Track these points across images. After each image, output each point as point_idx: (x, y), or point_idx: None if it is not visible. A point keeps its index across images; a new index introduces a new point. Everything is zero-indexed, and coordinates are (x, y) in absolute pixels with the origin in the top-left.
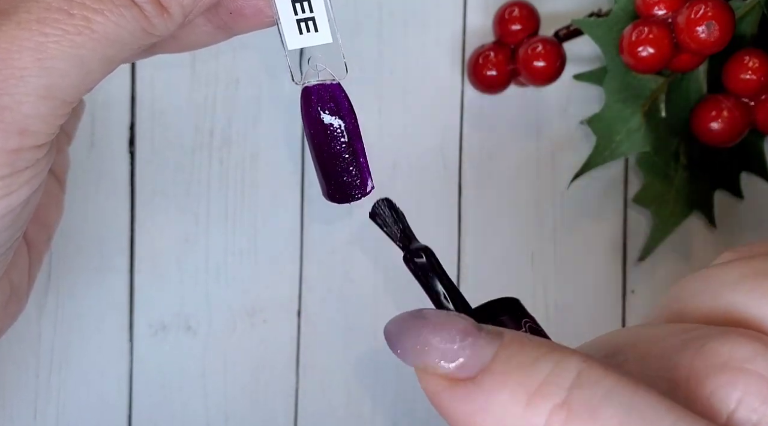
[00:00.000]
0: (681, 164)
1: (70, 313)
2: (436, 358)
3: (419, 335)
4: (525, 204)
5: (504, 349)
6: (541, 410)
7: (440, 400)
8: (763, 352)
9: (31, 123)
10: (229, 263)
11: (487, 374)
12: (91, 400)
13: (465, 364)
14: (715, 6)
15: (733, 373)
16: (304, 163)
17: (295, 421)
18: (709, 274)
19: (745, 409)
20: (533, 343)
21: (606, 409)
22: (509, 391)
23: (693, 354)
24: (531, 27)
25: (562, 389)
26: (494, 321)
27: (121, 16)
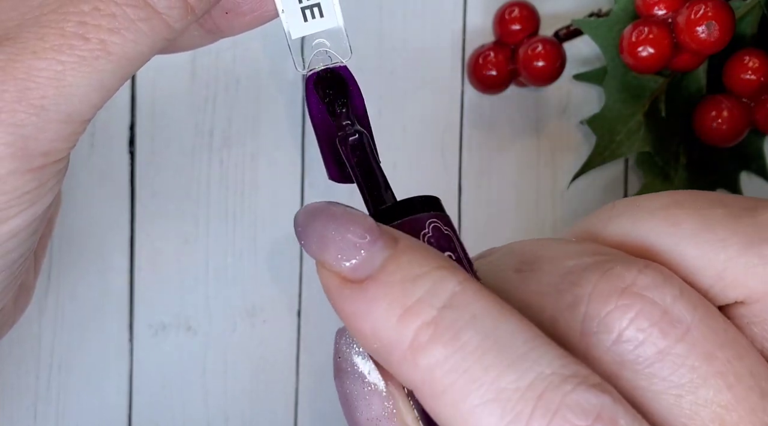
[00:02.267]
0: (681, 164)
1: (70, 313)
2: (333, 254)
3: (322, 229)
4: (525, 204)
5: (394, 259)
6: (410, 325)
7: (331, 296)
8: (662, 283)
9: (53, 145)
10: (229, 263)
11: (371, 282)
12: (91, 400)
13: (356, 267)
14: (715, 6)
15: (632, 297)
16: (304, 163)
17: (295, 421)
18: (632, 202)
19: (634, 328)
20: (423, 257)
21: (467, 331)
22: (387, 303)
23: (600, 274)
24: (531, 27)
25: (434, 308)
26: (405, 219)
27: (139, 31)
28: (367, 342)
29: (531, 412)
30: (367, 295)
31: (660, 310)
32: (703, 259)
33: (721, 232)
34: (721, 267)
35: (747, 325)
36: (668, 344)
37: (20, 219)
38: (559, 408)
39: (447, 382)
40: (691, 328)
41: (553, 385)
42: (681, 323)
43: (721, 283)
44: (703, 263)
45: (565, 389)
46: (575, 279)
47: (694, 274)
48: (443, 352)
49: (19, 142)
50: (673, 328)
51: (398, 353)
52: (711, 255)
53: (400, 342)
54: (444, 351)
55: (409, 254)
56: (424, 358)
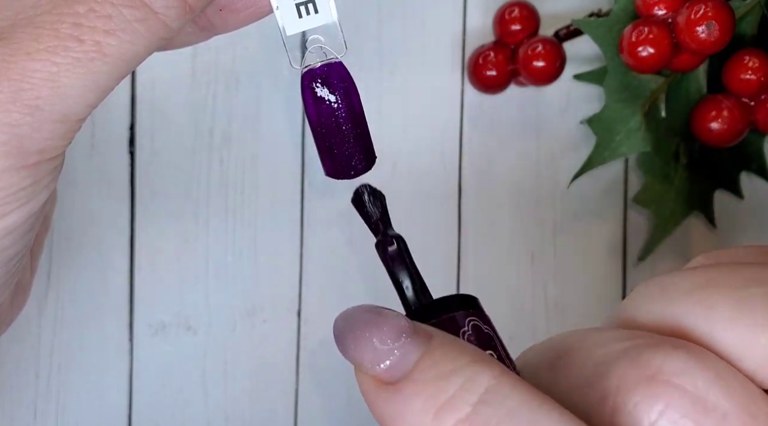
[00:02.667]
0: (681, 164)
1: (70, 313)
2: (368, 357)
3: (357, 332)
4: (525, 204)
5: (427, 356)
6: (446, 423)
7: (368, 398)
8: (693, 367)
9: (48, 143)
10: (229, 263)
11: (406, 382)
12: (91, 399)
13: (391, 368)
14: (715, 6)
15: (659, 386)
16: (304, 163)
17: (295, 421)
18: (666, 281)
19: (666, 421)
20: (457, 352)
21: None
22: (422, 401)
23: (628, 363)
24: (531, 27)
25: (468, 404)
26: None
27: (135, 32)
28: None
29: None
30: (401, 396)
31: (691, 398)
32: (742, 345)
33: (759, 315)
34: (763, 352)
35: None
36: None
37: (16, 215)
38: None
39: None
40: (728, 415)
41: None
42: (716, 411)
43: (765, 369)
44: (744, 349)
45: None
46: (604, 370)
47: (736, 358)
48: None
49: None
50: (707, 418)
51: None
52: (750, 339)
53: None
54: None
55: (443, 350)
56: None
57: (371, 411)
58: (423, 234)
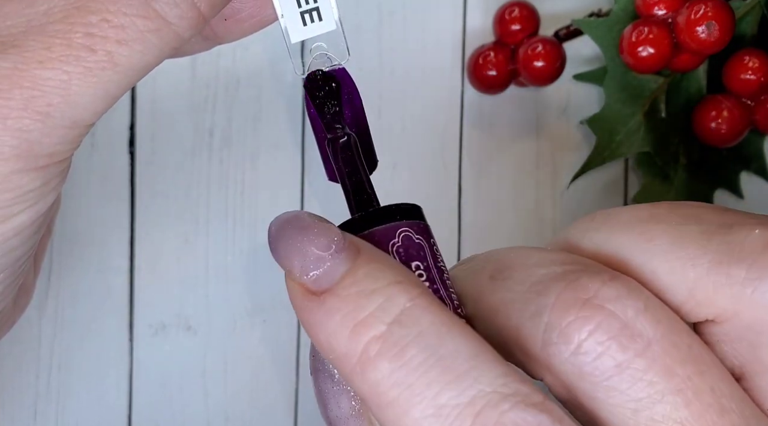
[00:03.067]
0: (681, 164)
1: (70, 313)
2: (297, 265)
3: (290, 239)
4: (525, 204)
5: (352, 272)
6: (360, 339)
7: (294, 304)
8: (626, 296)
9: (57, 148)
10: (229, 263)
11: (329, 295)
12: (91, 400)
13: (318, 279)
14: (715, 6)
15: (592, 309)
16: (304, 163)
17: (295, 421)
18: (611, 213)
19: (593, 340)
20: (380, 270)
21: (412, 347)
22: (341, 316)
23: (566, 284)
24: (531, 27)
25: (383, 323)
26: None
27: (147, 42)
28: (324, 352)
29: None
30: (324, 308)
31: (620, 323)
32: (673, 277)
33: (693, 249)
34: (691, 285)
35: (717, 343)
36: (627, 358)
37: (24, 216)
38: None
39: (391, 396)
40: (652, 342)
41: (492, 403)
42: (641, 337)
43: (692, 301)
44: (674, 281)
45: (503, 408)
46: (542, 288)
47: (666, 291)
48: (388, 366)
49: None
50: (632, 342)
51: (349, 365)
52: (681, 273)
53: (350, 355)
54: (389, 366)
55: (367, 267)
56: (371, 372)
57: (297, 316)
58: None
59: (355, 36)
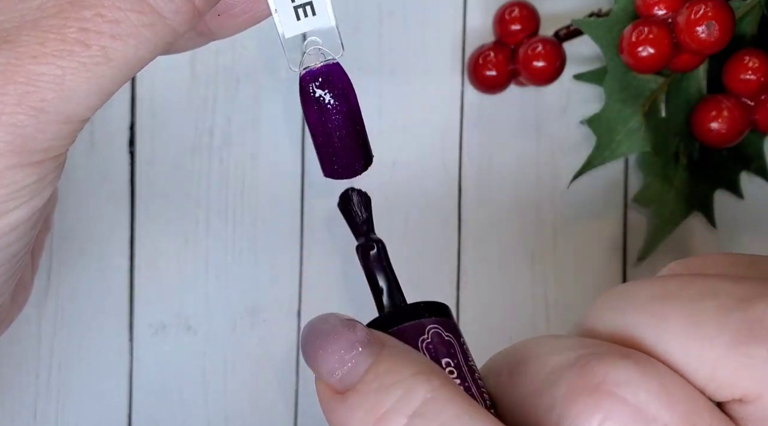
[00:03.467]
0: (681, 164)
1: (70, 313)
2: (325, 366)
3: (317, 342)
4: (525, 204)
5: (374, 367)
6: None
7: (322, 406)
8: (638, 378)
9: (52, 143)
10: (229, 263)
11: (352, 392)
12: (91, 399)
13: (342, 378)
14: (715, 6)
15: (601, 396)
16: (304, 163)
17: (295, 421)
18: (625, 291)
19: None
20: (402, 363)
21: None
22: (363, 412)
23: (575, 372)
24: (531, 27)
25: (404, 416)
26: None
27: (142, 37)
28: None
29: None
30: (346, 405)
31: (631, 409)
32: (691, 358)
33: (710, 329)
34: (712, 366)
35: (743, 421)
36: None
37: (20, 212)
38: None
39: None
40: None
41: None
42: (656, 422)
43: (714, 382)
44: (693, 362)
45: None
46: (554, 378)
47: (687, 372)
48: None
49: (19, 140)
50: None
51: None
52: (699, 354)
53: None
54: None
55: (390, 361)
56: None
57: (326, 418)
58: (423, 234)
59: (355, 36)
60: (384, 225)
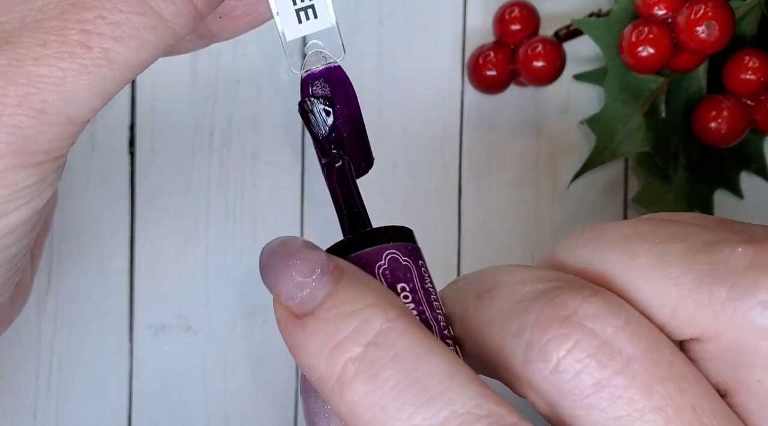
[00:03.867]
0: (681, 164)
1: (70, 313)
2: (283, 289)
3: (277, 264)
4: (525, 204)
5: (332, 295)
6: (338, 361)
7: (279, 327)
8: (606, 313)
9: (53, 144)
10: (229, 263)
11: (310, 318)
12: (91, 400)
13: (301, 303)
14: (715, 6)
15: (571, 327)
16: (304, 163)
17: (295, 421)
18: (598, 230)
19: (572, 358)
20: (360, 293)
21: (387, 370)
22: (320, 339)
23: (546, 302)
24: (531, 27)
25: (360, 345)
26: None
27: (143, 39)
28: (307, 374)
29: None
30: (305, 330)
31: (599, 341)
32: (656, 296)
33: (676, 268)
34: (674, 304)
35: (701, 360)
36: (606, 376)
37: (20, 213)
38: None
39: (366, 418)
40: (631, 360)
41: (465, 424)
42: (621, 355)
43: (675, 320)
44: (657, 300)
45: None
46: (524, 306)
47: (650, 309)
48: (364, 388)
49: (19, 141)
50: (611, 360)
51: (328, 387)
52: (663, 292)
53: (329, 377)
54: (364, 387)
55: (348, 291)
56: (348, 394)
57: (283, 340)
58: (423, 234)
59: (355, 36)
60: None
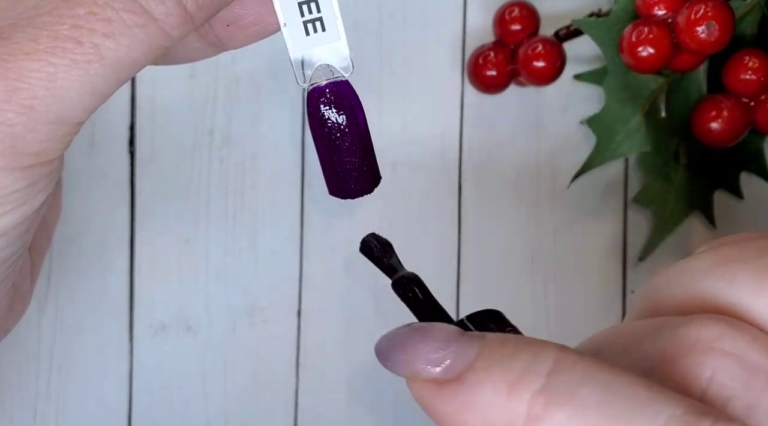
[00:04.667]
0: (681, 164)
1: (70, 314)
2: (423, 364)
3: (407, 346)
4: (525, 204)
5: (485, 347)
6: (522, 398)
7: (429, 403)
8: (729, 332)
9: (44, 146)
10: (229, 263)
11: (470, 372)
12: (91, 400)
13: (450, 366)
14: (715, 6)
15: (702, 353)
16: (304, 163)
17: (295, 421)
18: (683, 265)
19: (717, 386)
20: (513, 339)
21: (583, 390)
22: (491, 383)
23: (664, 340)
24: (531, 27)
25: (541, 376)
26: (479, 329)
27: (135, 37)
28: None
29: None
30: (468, 385)
31: (736, 360)
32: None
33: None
34: None
35: None
36: (755, 396)
37: (8, 218)
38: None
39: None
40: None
41: (691, 422)
42: (761, 371)
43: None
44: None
45: (705, 423)
46: (642, 354)
47: (764, 326)
48: (563, 414)
49: (8, 140)
50: (754, 378)
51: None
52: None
53: (515, 420)
54: (563, 413)
55: (499, 340)
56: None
57: (432, 415)
58: (423, 233)
59: (355, 36)
60: (384, 225)
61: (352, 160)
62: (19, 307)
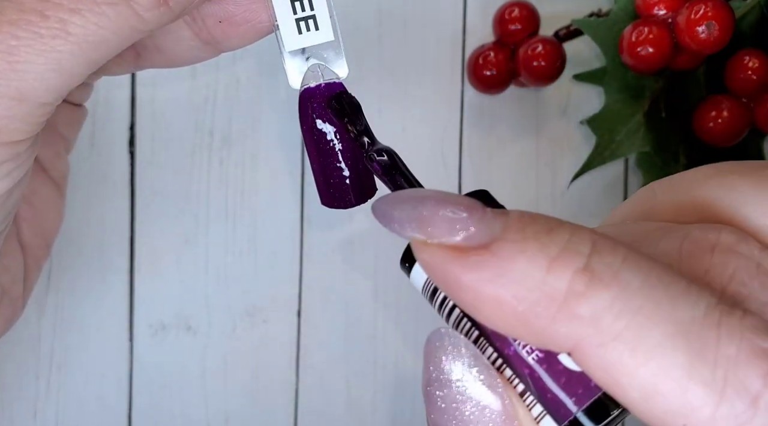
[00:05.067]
0: (681, 164)
1: (70, 313)
2: (440, 229)
3: (420, 207)
4: (525, 204)
5: (515, 221)
6: (563, 275)
7: (446, 269)
8: (746, 238)
9: (6, 123)
10: (229, 263)
11: (502, 242)
12: (91, 400)
13: (474, 235)
14: (715, 6)
15: (724, 254)
16: (303, 163)
17: (295, 421)
18: (681, 174)
19: (736, 284)
20: (544, 217)
21: (626, 272)
22: (528, 257)
23: (681, 241)
24: (531, 27)
25: (583, 256)
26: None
27: (103, 15)
28: (504, 310)
29: (717, 339)
30: (501, 255)
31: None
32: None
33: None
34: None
35: None
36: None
37: None
38: (742, 332)
39: (619, 326)
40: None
41: (726, 312)
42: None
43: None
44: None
45: (737, 314)
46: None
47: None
48: (608, 294)
49: None
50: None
51: (552, 308)
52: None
53: (553, 295)
54: (608, 293)
55: (528, 215)
56: (586, 306)
57: (444, 282)
58: None
59: (355, 36)
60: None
61: (345, 169)
62: (7, 314)
